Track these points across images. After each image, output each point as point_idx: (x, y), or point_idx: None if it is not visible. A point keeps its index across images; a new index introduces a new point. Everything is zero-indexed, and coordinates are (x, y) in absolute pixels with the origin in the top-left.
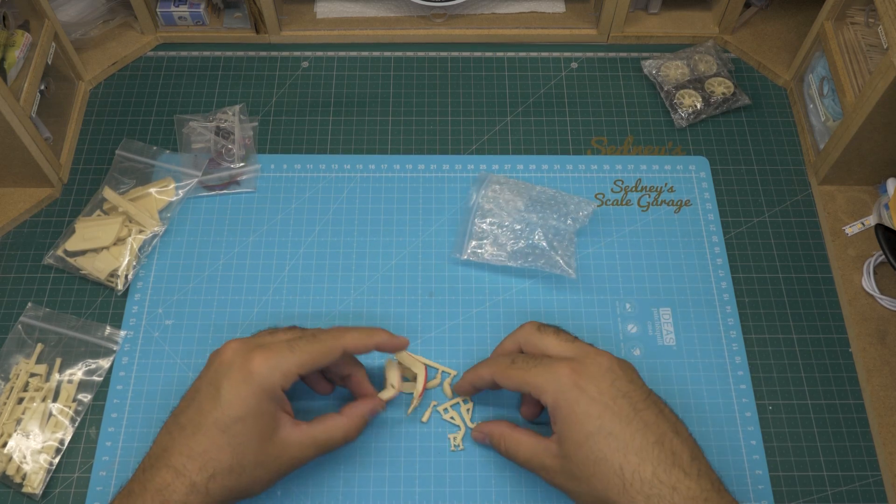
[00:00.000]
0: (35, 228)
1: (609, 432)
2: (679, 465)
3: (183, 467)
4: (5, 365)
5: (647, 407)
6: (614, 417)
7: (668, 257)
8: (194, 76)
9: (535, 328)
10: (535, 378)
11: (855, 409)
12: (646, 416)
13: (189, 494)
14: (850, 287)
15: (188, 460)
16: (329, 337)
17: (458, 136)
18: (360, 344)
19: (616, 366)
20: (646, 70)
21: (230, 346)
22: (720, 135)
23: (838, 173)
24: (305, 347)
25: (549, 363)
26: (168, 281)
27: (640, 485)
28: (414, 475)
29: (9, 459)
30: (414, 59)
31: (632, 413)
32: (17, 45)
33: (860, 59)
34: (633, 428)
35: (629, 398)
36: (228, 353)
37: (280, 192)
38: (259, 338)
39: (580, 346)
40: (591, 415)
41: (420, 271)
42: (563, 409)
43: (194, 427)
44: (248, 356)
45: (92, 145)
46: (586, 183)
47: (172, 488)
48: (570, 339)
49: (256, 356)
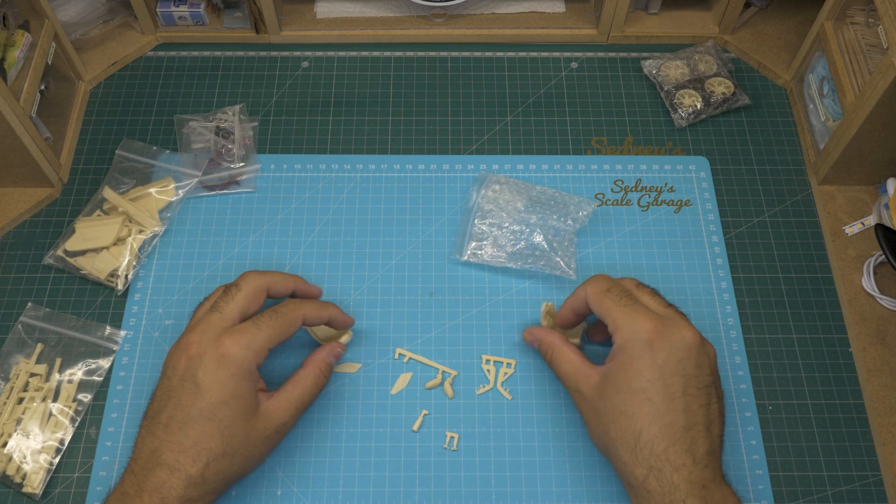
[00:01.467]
0: (35, 228)
1: (648, 398)
2: (692, 452)
3: (176, 462)
4: (5, 365)
5: (697, 395)
6: (662, 389)
7: (668, 257)
8: (194, 76)
9: (634, 284)
10: (620, 316)
11: (855, 409)
12: (691, 402)
13: (187, 488)
14: (850, 287)
15: (180, 455)
16: (288, 310)
17: (458, 136)
18: (315, 314)
19: (695, 346)
20: (646, 70)
21: (192, 340)
22: (720, 135)
23: (838, 173)
24: (270, 323)
25: (638, 310)
26: (168, 281)
27: (650, 454)
28: (414, 475)
29: (9, 459)
30: (414, 59)
31: (679, 393)
32: (17, 45)
33: (860, 59)
34: (671, 405)
35: (686, 379)
36: (194, 347)
37: (280, 192)
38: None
39: (673, 312)
40: (644, 375)
41: (420, 271)
42: (625, 354)
43: (180, 422)
44: (217, 342)
45: (92, 145)
46: (586, 183)
47: (169, 485)
48: (664, 303)
49: (226, 340)
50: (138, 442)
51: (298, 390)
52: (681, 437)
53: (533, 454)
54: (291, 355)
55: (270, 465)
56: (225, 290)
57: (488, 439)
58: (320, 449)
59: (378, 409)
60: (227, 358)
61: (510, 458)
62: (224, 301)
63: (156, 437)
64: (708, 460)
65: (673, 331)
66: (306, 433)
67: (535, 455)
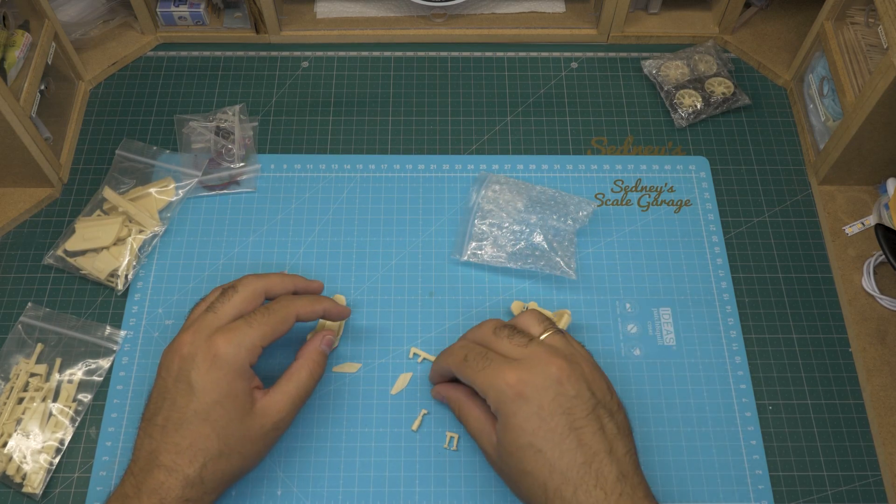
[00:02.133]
0: (35, 228)
1: (538, 449)
2: (601, 487)
3: (173, 464)
4: (5, 365)
5: (586, 424)
6: (547, 435)
7: (668, 257)
8: (194, 76)
9: (491, 330)
10: (482, 381)
11: (855, 409)
12: (582, 434)
13: (185, 489)
14: (850, 287)
15: (177, 456)
16: (281, 307)
17: (458, 136)
18: (309, 310)
19: (564, 377)
20: (646, 70)
21: (184, 340)
22: (720, 135)
23: (838, 173)
24: (262, 320)
25: (497, 367)
26: (168, 281)
27: (560, 502)
28: (414, 475)
29: (9, 459)
30: (414, 59)
31: (566, 431)
32: (17, 45)
33: (860, 59)
34: (563, 447)
35: (569, 415)
36: (186, 347)
37: (280, 192)
38: (202, 319)
39: (533, 350)
40: (526, 429)
41: (420, 271)
42: (502, 415)
43: (175, 424)
44: (209, 342)
45: (92, 145)
46: (586, 183)
47: (167, 486)
48: (523, 342)
49: (218, 339)
50: (137, 444)
51: (293, 384)
52: (584, 474)
53: None
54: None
55: (270, 466)
56: (222, 291)
57: None
58: (320, 449)
59: (378, 409)
60: (219, 357)
61: None
62: (220, 302)
63: (153, 439)
64: (621, 488)
65: (536, 372)
66: (306, 433)
67: None
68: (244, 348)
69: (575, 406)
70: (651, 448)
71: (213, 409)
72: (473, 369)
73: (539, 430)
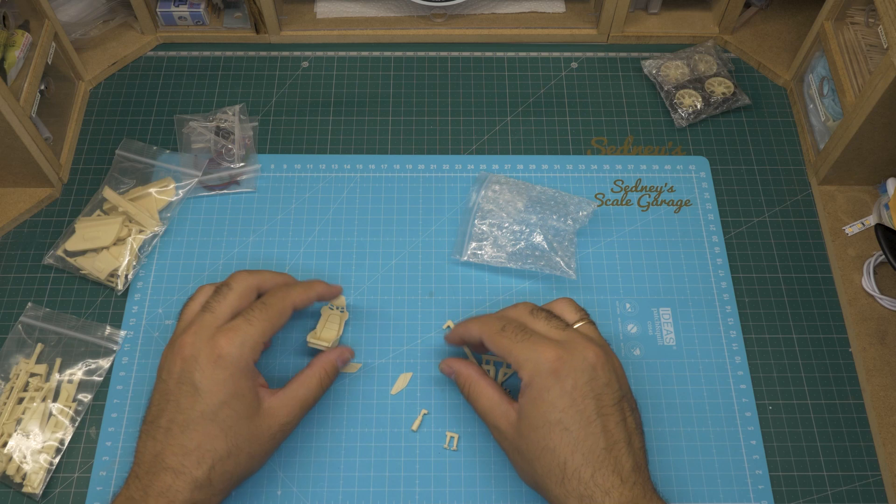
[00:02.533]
0: (35, 228)
1: (566, 427)
2: (618, 472)
3: (181, 466)
4: (5, 365)
5: (612, 412)
6: (577, 415)
7: (668, 257)
8: (194, 76)
9: (528, 311)
10: (520, 352)
11: (855, 409)
12: (607, 421)
13: (193, 491)
14: (850, 287)
15: (184, 458)
16: (277, 300)
17: (458, 136)
18: (304, 298)
19: (599, 364)
20: (646, 70)
21: (186, 341)
22: (720, 135)
23: (838, 173)
24: (261, 316)
25: (536, 341)
26: (168, 281)
27: (577, 483)
28: (414, 475)
29: (9, 459)
30: (414, 59)
31: (594, 415)
32: (17, 45)
33: (860, 59)
34: (589, 430)
35: (598, 400)
36: (188, 348)
37: (280, 192)
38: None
39: (570, 335)
40: (557, 406)
41: (420, 271)
42: (533, 390)
43: (181, 426)
44: (211, 342)
45: (92, 145)
46: (586, 183)
47: (176, 489)
48: (561, 326)
49: (220, 339)
50: (139, 446)
51: (304, 389)
52: (604, 459)
53: None
54: (291, 354)
55: (270, 466)
56: (216, 289)
57: (488, 439)
58: (320, 449)
59: (378, 409)
60: (223, 358)
61: None
62: (216, 301)
63: (157, 442)
64: (635, 478)
65: (575, 354)
66: (306, 433)
67: None
68: (247, 347)
69: (605, 394)
70: (651, 448)
71: (221, 409)
72: (511, 339)
73: (570, 409)
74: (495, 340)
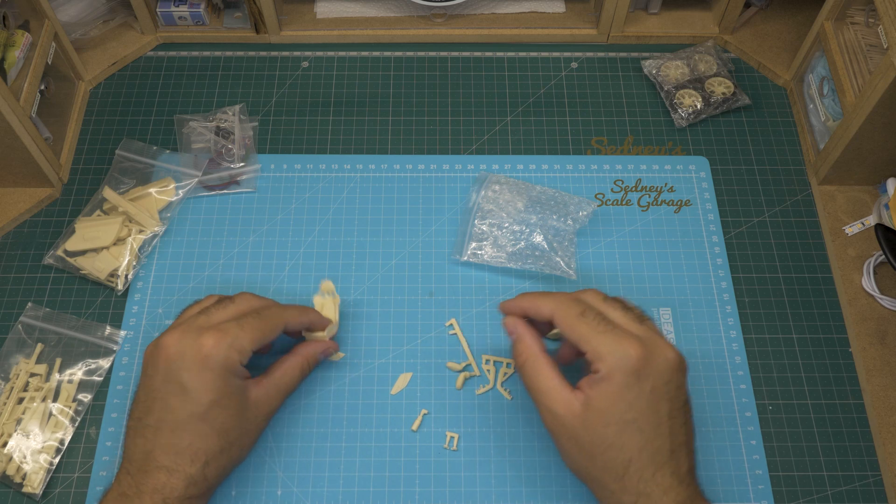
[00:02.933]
0: (35, 228)
1: (640, 429)
2: (677, 474)
3: (174, 464)
4: (5, 365)
5: (680, 415)
6: (651, 416)
7: (668, 257)
8: (194, 76)
9: (601, 298)
10: (602, 345)
11: (855, 409)
12: (675, 423)
13: (189, 487)
14: (850, 287)
15: (176, 457)
16: (272, 314)
17: (458, 136)
18: (296, 321)
19: (677, 368)
20: (646, 70)
21: (170, 339)
22: (720, 135)
23: (838, 173)
24: (254, 324)
25: (620, 336)
26: (168, 281)
27: (638, 480)
28: (414, 475)
29: (9, 459)
30: (414, 59)
31: (665, 418)
32: (17, 45)
33: (860, 59)
34: (659, 431)
35: (671, 403)
36: (172, 347)
37: (280, 192)
38: (192, 320)
39: (647, 332)
40: (635, 407)
41: (420, 271)
42: (611, 384)
43: (171, 426)
44: (196, 343)
45: (92, 145)
46: (586, 183)
47: (170, 486)
48: (637, 319)
49: (206, 340)
50: (128, 443)
51: (287, 378)
52: (668, 460)
53: (533, 454)
54: None
55: (270, 466)
56: (219, 299)
57: (488, 439)
58: (320, 449)
59: (378, 409)
60: (210, 358)
61: (510, 458)
62: (215, 308)
63: (147, 440)
64: (689, 479)
65: (657, 354)
66: (306, 433)
67: (534, 455)
68: (235, 350)
69: (677, 397)
70: None
71: (211, 410)
72: (591, 328)
73: (646, 409)
74: (573, 325)
